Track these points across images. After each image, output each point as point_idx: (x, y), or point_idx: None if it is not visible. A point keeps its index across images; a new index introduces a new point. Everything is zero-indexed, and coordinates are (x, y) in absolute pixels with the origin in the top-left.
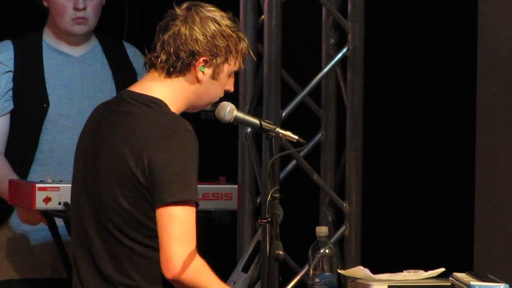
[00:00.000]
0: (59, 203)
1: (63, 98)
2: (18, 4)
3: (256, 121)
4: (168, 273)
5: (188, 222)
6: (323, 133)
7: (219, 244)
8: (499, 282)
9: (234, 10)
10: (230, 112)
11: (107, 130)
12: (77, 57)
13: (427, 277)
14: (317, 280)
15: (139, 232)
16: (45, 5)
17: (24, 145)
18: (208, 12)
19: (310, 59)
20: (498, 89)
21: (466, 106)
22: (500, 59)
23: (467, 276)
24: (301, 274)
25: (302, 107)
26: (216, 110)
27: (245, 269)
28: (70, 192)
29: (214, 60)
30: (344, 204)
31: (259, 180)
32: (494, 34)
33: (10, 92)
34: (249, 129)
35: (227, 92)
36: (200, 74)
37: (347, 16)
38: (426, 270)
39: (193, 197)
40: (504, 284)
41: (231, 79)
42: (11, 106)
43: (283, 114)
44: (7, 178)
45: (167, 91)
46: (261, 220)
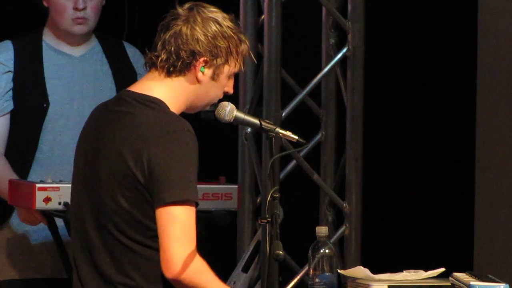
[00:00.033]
0: (59, 203)
1: (63, 98)
2: (18, 4)
3: (256, 121)
4: (168, 273)
5: (188, 222)
6: (323, 133)
7: (219, 244)
8: (499, 282)
9: (234, 10)
10: (230, 112)
11: (107, 130)
12: (77, 57)
13: (427, 277)
14: (317, 280)
15: (139, 232)
16: (45, 5)
17: (24, 145)
18: (210, 13)
19: (310, 59)
20: (498, 89)
21: (466, 106)
22: (500, 59)
23: (467, 276)
24: (301, 274)
25: (302, 107)
26: (216, 110)
27: (245, 269)
28: (70, 192)
29: (215, 61)
30: (344, 204)
31: (259, 180)
32: (494, 35)
33: (10, 92)
34: (249, 129)
35: (226, 94)
36: (200, 75)
37: (347, 16)
38: (426, 270)
39: (193, 197)
40: (504, 284)
41: (231, 81)
42: (11, 106)
43: (283, 114)
44: (7, 178)
45: (167, 91)
46: (261, 220)
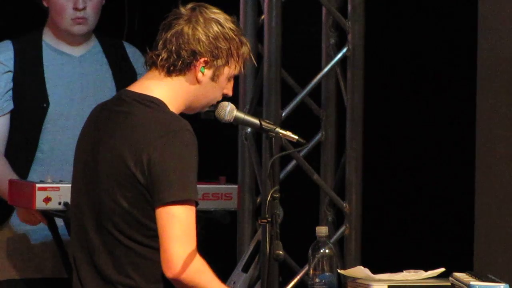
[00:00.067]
0: (59, 203)
1: (63, 98)
2: (18, 4)
3: (256, 121)
4: (169, 273)
5: (188, 222)
6: (323, 133)
7: (219, 244)
8: (499, 282)
9: (234, 10)
10: (230, 112)
11: (106, 130)
12: (77, 57)
13: (427, 277)
14: (317, 280)
15: (139, 232)
16: (45, 5)
17: (24, 145)
18: (213, 14)
19: (310, 59)
20: (498, 89)
21: (466, 106)
22: (500, 59)
23: (467, 276)
24: (301, 274)
25: (302, 107)
26: (216, 110)
27: (245, 269)
28: (70, 192)
29: (215, 62)
30: (344, 204)
31: (259, 180)
32: (494, 34)
33: (10, 92)
34: (249, 129)
35: (225, 96)
36: (200, 75)
37: (347, 16)
38: (426, 270)
39: (193, 197)
40: (504, 284)
41: (230, 83)
42: (11, 106)
43: (283, 114)
44: (7, 178)
45: (166, 91)
46: (261, 220)
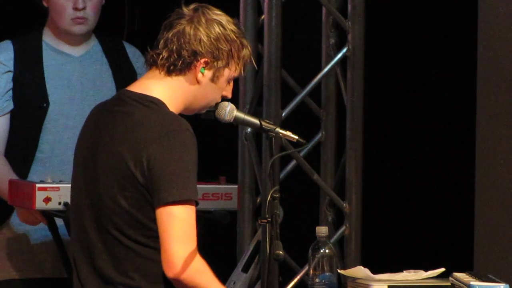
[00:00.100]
0: (59, 203)
1: (63, 98)
2: (18, 4)
3: (256, 121)
4: (170, 272)
5: (189, 221)
6: (323, 133)
7: (219, 244)
8: (499, 282)
9: (234, 10)
10: (230, 112)
11: (106, 130)
12: (77, 57)
13: (427, 277)
14: (317, 280)
15: (139, 232)
16: (45, 5)
17: (24, 145)
18: (215, 15)
19: (310, 59)
20: (498, 89)
21: (466, 106)
22: (500, 59)
23: (467, 276)
24: (301, 274)
25: (302, 107)
26: (216, 110)
27: (245, 269)
28: (70, 192)
29: (215, 63)
30: (344, 204)
31: (259, 180)
32: (494, 34)
33: (10, 92)
34: (249, 129)
35: (225, 98)
36: (200, 75)
37: (347, 16)
38: (426, 270)
39: (193, 196)
40: (504, 284)
41: (230, 85)
42: (11, 106)
43: (283, 114)
44: (7, 178)
45: (166, 91)
46: (261, 220)
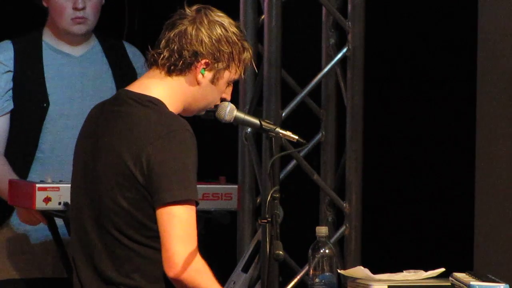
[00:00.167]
0: (59, 203)
1: (63, 98)
2: (18, 4)
3: (256, 121)
4: (170, 272)
5: (189, 221)
6: (323, 133)
7: (219, 244)
8: (499, 282)
9: (234, 10)
10: (230, 112)
11: (106, 130)
12: (77, 57)
13: (427, 277)
14: (317, 280)
15: (139, 232)
16: (45, 5)
17: (24, 145)
18: (217, 17)
19: (310, 59)
20: (498, 89)
21: (466, 107)
22: (500, 59)
23: (467, 276)
24: (301, 274)
25: (302, 107)
26: (216, 110)
27: (245, 269)
28: (70, 192)
29: (216, 65)
30: (344, 204)
31: (259, 180)
32: (494, 35)
33: (10, 92)
34: (249, 129)
35: (224, 100)
36: (200, 76)
37: (347, 16)
38: (426, 270)
39: (193, 196)
40: (504, 284)
41: (229, 88)
42: (11, 106)
43: (283, 114)
44: (7, 178)
45: (166, 91)
46: (261, 220)
